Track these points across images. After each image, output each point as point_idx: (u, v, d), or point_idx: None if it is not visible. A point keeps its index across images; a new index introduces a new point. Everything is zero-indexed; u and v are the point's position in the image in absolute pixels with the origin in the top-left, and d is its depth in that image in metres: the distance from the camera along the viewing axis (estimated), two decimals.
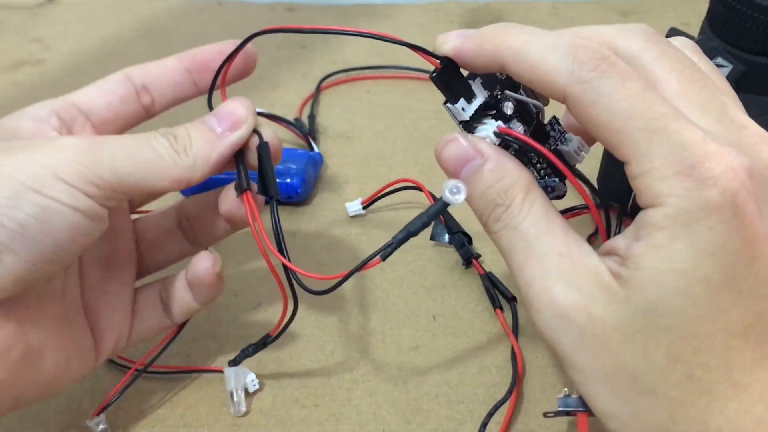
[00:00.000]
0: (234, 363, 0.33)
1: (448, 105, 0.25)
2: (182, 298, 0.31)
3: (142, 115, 0.31)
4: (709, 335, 0.21)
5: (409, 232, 0.26)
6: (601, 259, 0.22)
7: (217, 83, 0.31)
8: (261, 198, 0.29)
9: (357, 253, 0.41)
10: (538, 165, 0.27)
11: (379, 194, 0.43)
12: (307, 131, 0.49)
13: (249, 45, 0.30)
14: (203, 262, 0.30)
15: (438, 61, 0.25)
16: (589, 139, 0.27)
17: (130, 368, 0.32)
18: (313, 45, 0.60)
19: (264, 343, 0.32)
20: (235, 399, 0.32)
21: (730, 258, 0.20)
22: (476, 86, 0.25)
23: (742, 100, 0.25)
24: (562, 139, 0.27)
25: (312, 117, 0.51)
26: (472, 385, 0.34)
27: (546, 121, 0.27)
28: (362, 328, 0.37)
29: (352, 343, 0.36)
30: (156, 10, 0.66)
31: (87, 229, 0.25)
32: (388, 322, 0.37)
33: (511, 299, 0.37)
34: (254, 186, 0.29)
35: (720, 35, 0.35)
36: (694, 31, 0.39)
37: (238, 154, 0.29)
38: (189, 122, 0.29)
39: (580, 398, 0.30)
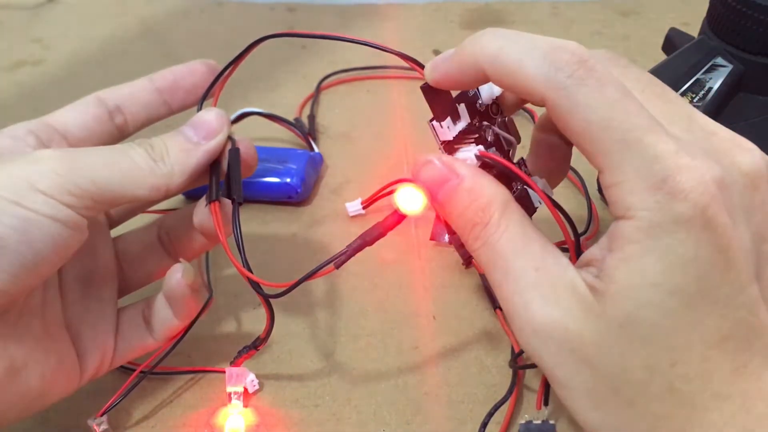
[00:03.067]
0: (233, 363, 0.33)
1: (434, 123, 0.25)
2: (163, 315, 0.31)
3: (115, 135, 0.32)
4: (686, 346, 0.21)
5: (364, 241, 0.26)
6: (577, 272, 0.22)
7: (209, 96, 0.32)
8: (229, 209, 0.29)
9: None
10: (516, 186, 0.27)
11: (379, 194, 0.43)
12: (307, 131, 0.49)
13: (212, 61, 0.32)
14: (174, 274, 0.30)
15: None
16: (554, 182, 0.28)
17: (133, 370, 0.32)
18: (313, 45, 0.60)
19: (255, 345, 0.32)
20: (234, 401, 0.32)
21: (702, 269, 0.20)
22: (461, 110, 0.26)
23: (742, 100, 0.25)
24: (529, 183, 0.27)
25: (312, 117, 0.51)
26: (472, 385, 0.34)
27: (515, 160, 0.27)
28: (362, 328, 0.37)
29: (351, 343, 0.36)
30: (156, 10, 0.66)
31: (67, 239, 0.25)
32: (388, 322, 0.37)
33: None
34: (225, 201, 0.29)
35: (720, 35, 0.35)
36: (694, 31, 0.39)
37: (213, 164, 0.29)
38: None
39: (542, 424, 0.31)
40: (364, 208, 0.43)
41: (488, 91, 0.27)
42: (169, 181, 0.28)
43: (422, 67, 0.25)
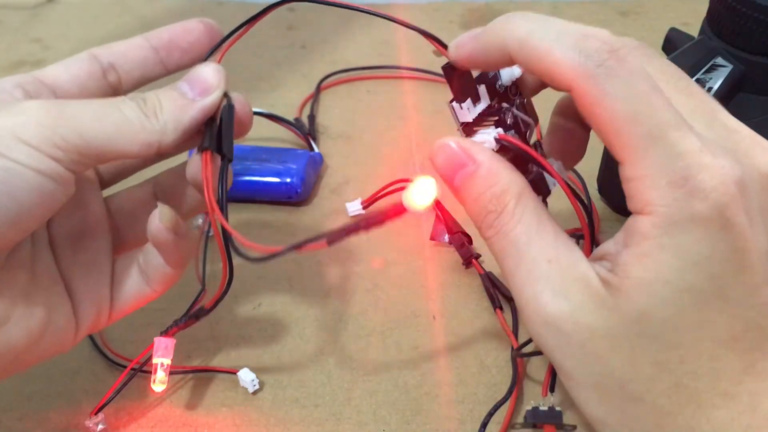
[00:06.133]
0: (164, 333, 0.32)
1: (454, 104, 0.25)
2: (155, 262, 0.30)
3: (108, 93, 0.30)
4: (696, 344, 0.21)
5: (360, 225, 0.25)
6: (591, 265, 0.22)
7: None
8: (219, 163, 0.28)
9: (357, 252, 0.41)
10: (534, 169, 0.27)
11: (379, 194, 0.43)
12: (307, 131, 0.49)
13: (209, 20, 0.31)
14: (153, 219, 0.29)
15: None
16: (569, 164, 0.28)
17: (125, 366, 0.32)
18: (313, 45, 0.60)
19: (197, 316, 0.31)
20: (159, 374, 0.31)
21: (717, 269, 0.20)
22: (482, 91, 0.25)
23: (742, 100, 0.25)
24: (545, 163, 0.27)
25: (312, 117, 0.51)
26: (472, 385, 0.34)
27: (531, 142, 0.27)
28: (362, 328, 0.37)
29: (352, 343, 0.36)
30: (156, 10, 0.66)
31: (52, 192, 0.25)
32: (388, 322, 0.37)
33: (511, 299, 0.37)
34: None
35: (720, 35, 0.35)
36: (694, 31, 0.39)
37: (208, 121, 0.28)
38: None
39: (549, 410, 0.31)
40: (364, 208, 0.43)
41: (509, 73, 0.26)
42: (161, 137, 0.26)
43: (445, 47, 0.25)
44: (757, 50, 0.33)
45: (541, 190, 0.26)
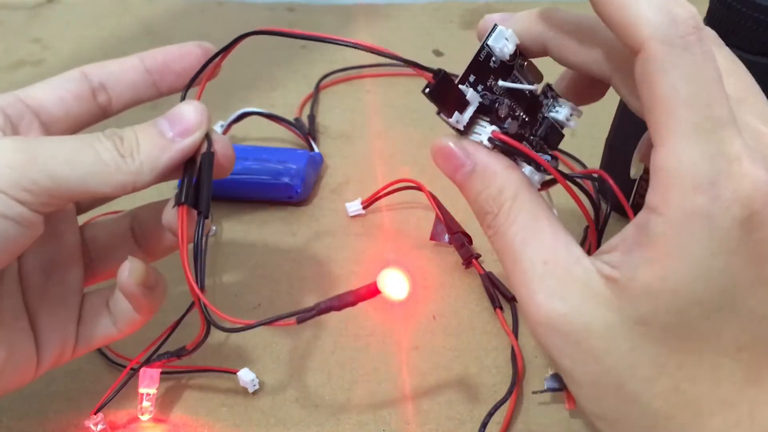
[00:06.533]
0: (146, 363, 0.32)
1: (442, 115, 0.25)
2: (123, 307, 0.30)
3: (97, 115, 0.30)
4: (699, 352, 0.21)
5: (332, 305, 0.26)
6: (592, 262, 0.22)
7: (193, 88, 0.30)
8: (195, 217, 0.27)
9: (357, 253, 0.41)
10: (532, 138, 0.27)
11: (379, 194, 0.43)
12: (307, 131, 0.49)
13: (207, 43, 0.30)
14: (122, 272, 0.28)
15: (431, 75, 0.24)
16: (584, 99, 0.27)
17: (124, 366, 0.32)
18: (313, 45, 0.60)
19: (178, 354, 0.31)
20: (145, 403, 0.32)
21: (730, 282, 0.20)
22: (469, 92, 0.25)
23: None
24: (554, 106, 0.27)
25: (312, 117, 0.51)
26: (472, 385, 0.34)
27: (540, 90, 0.27)
28: (362, 328, 0.37)
29: (351, 343, 0.36)
30: (156, 10, 0.66)
31: (17, 237, 0.24)
32: (388, 322, 0.37)
33: (511, 299, 0.37)
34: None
35: (720, 35, 0.35)
36: None
37: (188, 162, 0.27)
38: (138, 124, 0.27)
39: None
40: (364, 208, 0.43)
41: (502, 48, 0.25)
42: (137, 178, 0.26)
43: (422, 69, 0.24)
44: (757, 50, 0.33)
45: (554, 139, 0.26)
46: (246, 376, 0.33)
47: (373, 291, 0.26)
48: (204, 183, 0.27)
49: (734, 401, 0.21)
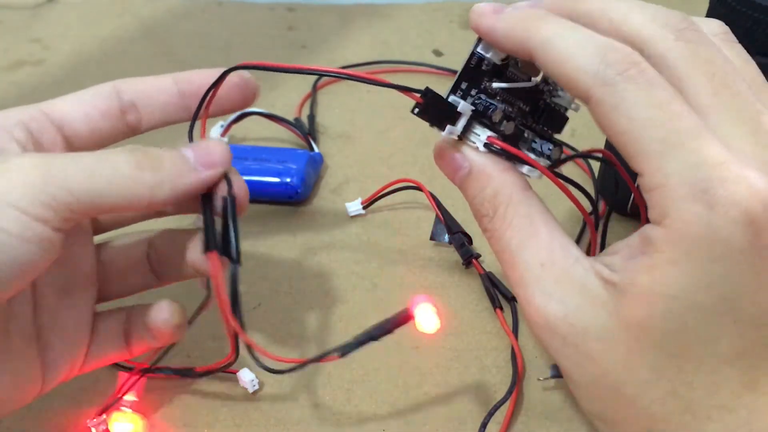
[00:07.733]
0: (150, 371, 0.32)
1: (436, 129, 0.25)
2: (143, 335, 0.30)
3: (124, 133, 0.29)
4: (697, 357, 0.20)
5: (371, 337, 0.27)
6: (591, 263, 0.22)
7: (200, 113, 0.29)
8: (226, 262, 0.26)
9: (357, 253, 0.41)
10: (535, 126, 0.27)
11: (379, 194, 0.43)
12: (307, 131, 0.49)
13: (250, 75, 0.29)
14: (162, 314, 0.28)
15: (419, 96, 0.24)
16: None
17: (131, 369, 0.32)
18: (313, 45, 0.60)
19: (187, 374, 0.32)
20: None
21: (730, 290, 0.20)
22: (460, 104, 0.25)
23: None
24: (555, 91, 0.27)
25: (312, 117, 0.51)
26: (472, 385, 0.34)
27: (540, 76, 0.27)
28: (362, 328, 0.37)
29: None
30: (156, 10, 0.66)
31: (35, 260, 0.23)
32: None
33: (511, 299, 0.37)
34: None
35: None
36: None
37: (206, 200, 0.27)
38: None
39: None
40: (364, 208, 0.43)
41: (492, 57, 0.25)
42: (154, 193, 0.25)
43: (410, 91, 0.24)
44: (757, 50, 0.33)
45: (557, 121, 0.26)
46: (246, 376, 0.33)
47: (407, 317, 0.26)
48: (231, 227, 0.26)
49: (732, 407, 0.21)
